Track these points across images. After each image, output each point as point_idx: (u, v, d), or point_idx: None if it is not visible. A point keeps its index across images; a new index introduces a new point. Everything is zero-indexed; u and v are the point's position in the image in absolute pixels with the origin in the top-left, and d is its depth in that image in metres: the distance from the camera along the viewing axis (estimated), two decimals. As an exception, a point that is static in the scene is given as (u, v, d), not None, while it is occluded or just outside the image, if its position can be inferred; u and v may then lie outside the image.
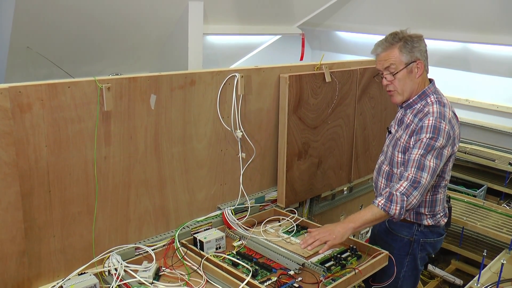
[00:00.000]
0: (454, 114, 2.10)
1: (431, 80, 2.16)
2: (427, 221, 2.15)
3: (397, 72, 2.06)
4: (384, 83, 2.13)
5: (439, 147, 1.96)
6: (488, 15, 3.99)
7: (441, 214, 2.19)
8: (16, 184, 1.62)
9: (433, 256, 2.29)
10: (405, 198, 1.91)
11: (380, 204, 1.94)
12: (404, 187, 1.93)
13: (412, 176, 1.93)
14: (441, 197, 2.17)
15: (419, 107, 2.09)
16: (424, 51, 2.09)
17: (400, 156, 2.12)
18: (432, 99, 2.08)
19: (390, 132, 2.26)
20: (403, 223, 2.18)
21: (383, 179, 2.23)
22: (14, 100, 1.59)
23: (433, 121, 1.98)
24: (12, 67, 3.21)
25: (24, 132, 1.64)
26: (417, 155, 1.95)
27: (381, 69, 2.11)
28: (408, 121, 2.10)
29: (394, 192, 1.93)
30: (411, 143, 2.03)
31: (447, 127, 1.98)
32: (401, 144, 2.10)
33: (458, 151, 2.03)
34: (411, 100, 2.12)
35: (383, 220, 2.06)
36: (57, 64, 3.27)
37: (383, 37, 2.13)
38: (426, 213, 2.14)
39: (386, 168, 2.21)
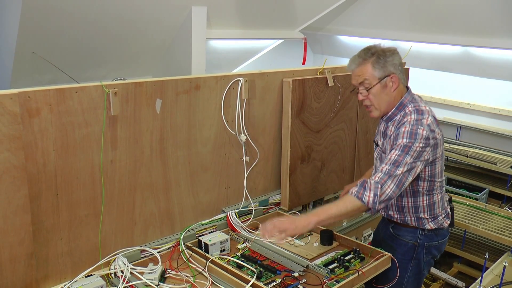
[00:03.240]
0: (434, 118, 2.07)
1: (408, 88, 2.14)
2: (430, 225, 2.15)
3: (371, 87, 2.05)
4: (360, 98, 2.11)
5: (415, 149, 1.94)
6: (488, 19, 4.02)
7: (443, 215, 2.19)
8: (24, 188, 1.65)
9: (437, 258, 2.30)
10: (379, 186, 1.89)
11: (353, 191, 1.92)
12: (378, 177, 1.92)
13: (386, 168, 1.93)
14: (439, 199, 2.16)
15: (399, 118, 2.08)
16: (398, 64, 2.06)
17: None
18: (410, 108, 2.06)
19: (377, 145, 2.26)
20: (407, 228, 2.19)
21: None
22: (23, 105, 1.62)
23: (409, 128, 1.97)
24: (17, 72, 3.24)
25: (32, 137, 1.67)
26: (393, 155, 1.94)
27: (356, 84, 2.10)
28: (391, 133, 2.09)
29: (368, 180, 1.92)
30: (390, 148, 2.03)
31: (424, 131, 1.95)
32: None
33: (459, 154, 2.03)
34: (390, 113, 2.11)
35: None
36: (61, 69, 3.30)
37: (383, 41, 2.14)
38: (427, 217, 2.15)
39: None
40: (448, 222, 2.22)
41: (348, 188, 2.50)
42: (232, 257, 2.08)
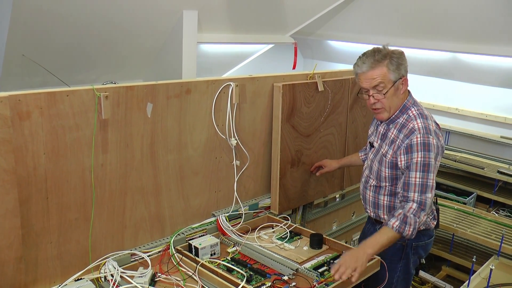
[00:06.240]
0: (436, 123, 2.14)
1: (409, 91, 2.18)
2: None
3: (387, 91, 2.05)
4: (371, 102, 2.10)
5: (432, 163, 2.00)
6: (476, 26, 4.07)
7: (430, 217, 2.22)
8: (14, 191, 1.64)
9: (424, 259, 2.32)
10: (417, 220, 1.99)
11: (395, 226, 1.97)
12: (414, 209, 1.99)
13: (417, 199, 2.00)
14: None
15: (402, 121, 2.11)
16: (407, 67, 2.09)
17: (387, 171, 2.14)
18: (414, 112, 2.09)
19: (372, 146, 2.28)
20: None
21: (371, 193, 2.26)
22: (14, 108, 1.62)
23: (421, 139, 2.00)
24: (7, 74, 3.22)
25: (23, 140, 1.67)
26: (417, 179, 2.00)
27: (368, 87, 2.07)
28: (393, 136, 2.12)
29: (408, 214, 1.99)
30: (403, 162, 2.05)
31: (434, 140, 2.01)
32: (388, 160, 2.13)
33: (448, 159, 2.06)
34: (393, 115, 2.13)
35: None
36: (52, 72, 3.29)
37: (370, 48, 2.12)
38: None
39: (373, 182, 2.24)
40: (435, 223, 2.26)
41: (325, 163, 2.69)
42: (222, 260, 2.09)
